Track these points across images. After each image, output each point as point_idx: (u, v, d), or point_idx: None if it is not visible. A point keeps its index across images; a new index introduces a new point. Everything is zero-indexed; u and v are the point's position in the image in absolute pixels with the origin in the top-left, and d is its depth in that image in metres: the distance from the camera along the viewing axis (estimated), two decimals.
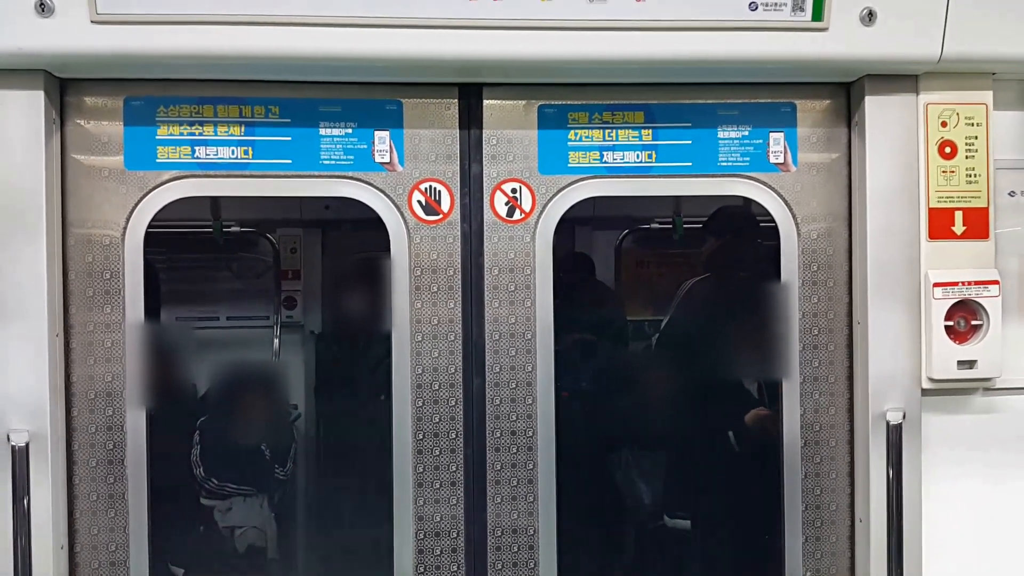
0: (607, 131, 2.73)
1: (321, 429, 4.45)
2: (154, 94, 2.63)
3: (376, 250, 2.75)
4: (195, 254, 4.80)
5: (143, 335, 2.63)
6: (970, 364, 2.66)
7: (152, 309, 3.54)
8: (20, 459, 2.40)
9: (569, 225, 2.78)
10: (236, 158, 2.65)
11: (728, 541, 3.36)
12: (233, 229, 4.78)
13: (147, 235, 2.62)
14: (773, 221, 2.78)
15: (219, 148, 2.64)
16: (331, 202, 3.35)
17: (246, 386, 3.83)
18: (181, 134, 2.63)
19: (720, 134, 2.75)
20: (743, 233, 3.48)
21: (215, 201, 4.42)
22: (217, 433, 3.66)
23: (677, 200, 4.55)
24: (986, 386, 2.72)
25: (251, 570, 3.74)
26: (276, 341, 4.93)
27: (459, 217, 2.70)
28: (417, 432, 2.69)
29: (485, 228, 2.71)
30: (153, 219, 2.63)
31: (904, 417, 2.65)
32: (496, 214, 2.71)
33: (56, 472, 2.51)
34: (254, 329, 4.91)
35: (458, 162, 2.70)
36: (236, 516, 3.71)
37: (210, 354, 4.27)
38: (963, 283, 2.66)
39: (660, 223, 4.84)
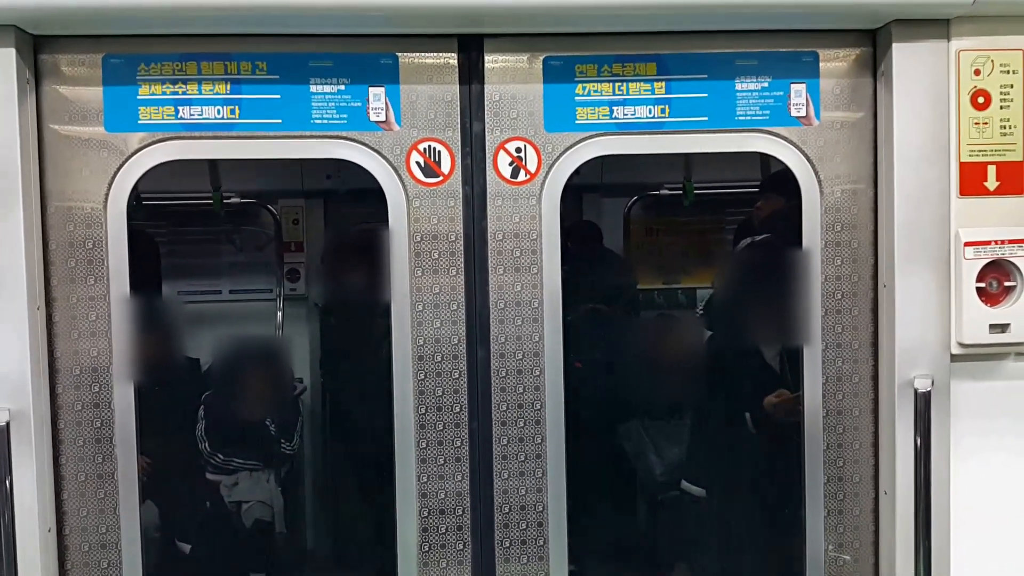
0: (617, 84, 2.59)
1: (327, 403, 4.40)
2: (134, 51, 2.50)
3: (380, 220, 2.64)
4: (196, 227, 4.74)
5: (129, 309, 2.53)
6: (1002, 328, 2.55)
7: (153, 282, 3.46)
8: (0, 438, 2.31)
9: (576, 191, 2.64)
10: (222, 118, 2.52)
11: (747, 515, 3.27)
12: (233, 200, 4.71)
13: (146, 207, 2.52)
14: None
15: (204, 108, 2.52)
16: (324, 164, 3.23)
17: (250, 360, 3.79)
18: (164, 93, 2.51)
19: (738, 86, 2.61)
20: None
21: (214, 171, 4.33)
22: (222, 408, 3.63)
23: (688, 163, 4.44)
24: (1019, 351, 2.60)
25: (258, 544, 3.71)
26: (279, 314, 4.88)
27: (460, 179, 2.58)
28: (419, 406, 2.59)
29: (488, 190, 2.58)
30: (151, 190, 2.52)
31: (932, 384, 2.54)
32: (500, 175, 2.58)
33: (41, 452, 2.43)
34: (257, 302, 4.86)
35: (459, 120, 2.57)
36: (242, 491, 3.69)
37: (211, 328, 4.21)
38: (996, 242, 2.54)
39: (669, 189, 4.74)
